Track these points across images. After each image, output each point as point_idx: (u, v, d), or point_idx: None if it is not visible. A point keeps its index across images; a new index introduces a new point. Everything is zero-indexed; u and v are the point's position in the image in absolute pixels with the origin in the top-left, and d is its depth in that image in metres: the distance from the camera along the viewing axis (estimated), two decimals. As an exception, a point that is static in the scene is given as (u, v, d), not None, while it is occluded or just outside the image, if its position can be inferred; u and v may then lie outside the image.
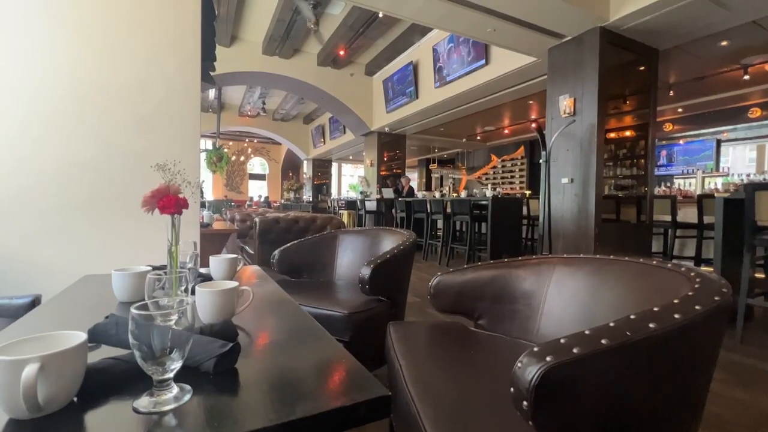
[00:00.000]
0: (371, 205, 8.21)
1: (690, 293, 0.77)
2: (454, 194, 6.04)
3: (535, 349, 0.65)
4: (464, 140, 10.71)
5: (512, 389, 0.64)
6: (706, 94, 5.85)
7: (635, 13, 3.30)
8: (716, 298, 0.72)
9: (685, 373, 0.77)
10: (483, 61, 5.21)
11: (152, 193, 0.89)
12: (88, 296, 1.11)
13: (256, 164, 15.80)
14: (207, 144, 10.54)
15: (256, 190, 15.33)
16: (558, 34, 3.71)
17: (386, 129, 8.66)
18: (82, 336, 0.52)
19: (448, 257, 5.40)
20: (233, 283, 0.85)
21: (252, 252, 3.51)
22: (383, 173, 9.34)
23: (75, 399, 0.51)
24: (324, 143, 12.20)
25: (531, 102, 6.71)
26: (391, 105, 7.88)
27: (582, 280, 1.13)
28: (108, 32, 1.79)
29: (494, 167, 11.40)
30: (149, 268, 1.06)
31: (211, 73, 2.71)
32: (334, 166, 15.33)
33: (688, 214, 4.53)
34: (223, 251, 3.85)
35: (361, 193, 9.57)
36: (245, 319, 0.88)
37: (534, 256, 1.29)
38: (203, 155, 7.58)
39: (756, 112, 6.08)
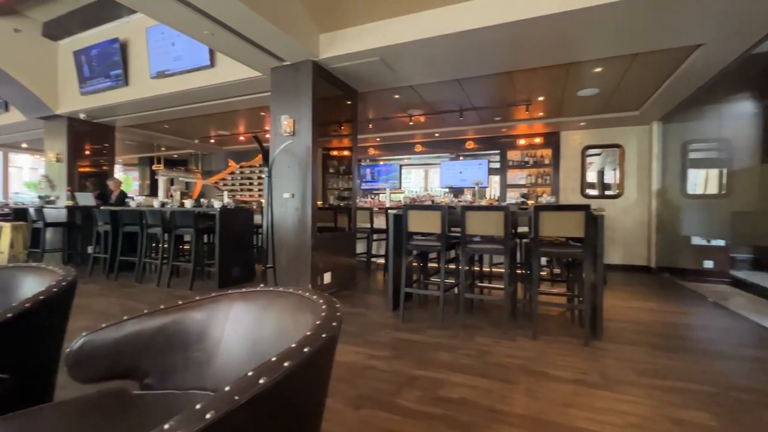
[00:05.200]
0: (58, 215, 6.10)
1: (318, 322, 0.91)
2: (185, 201, 5.34)
3: (169, 423, 0.57)
4: (197, 141, 9.72)
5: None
6: (391, 130, 7.84)
7: (335, 58, 3.94)
8: (334, 324, 0.88)
9: (316, 390, 0.90)
10: (208, 62, 4.86)
11: None
12: None
13: None
14: None
15: None
16: (278, 56, 3.92)
17: (81, 115, 6.64)
18: None
19: (170, 277, 4.69)
20: None
21: None
22: (83, 170, 7.13)
23: None
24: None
25: (263, 114, 6.86)
26: (88, 86, 6.10)
27: (255, 314, 1.16)
28: None
29: (233, 173, 10.97)
30: None
31: None
32: (-7, 156, 10.41)
33: (382, 222, 5.87)
34: None
35: (41, 197, 6.94)
36: None
37: (213, 294, 1.23)
38: None
39: (419, 148, 8.74)
